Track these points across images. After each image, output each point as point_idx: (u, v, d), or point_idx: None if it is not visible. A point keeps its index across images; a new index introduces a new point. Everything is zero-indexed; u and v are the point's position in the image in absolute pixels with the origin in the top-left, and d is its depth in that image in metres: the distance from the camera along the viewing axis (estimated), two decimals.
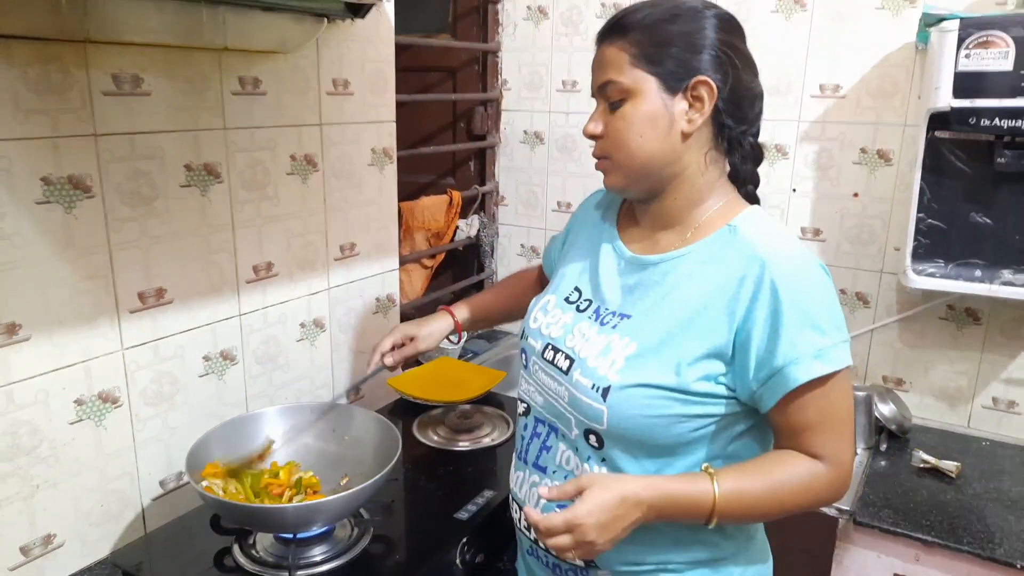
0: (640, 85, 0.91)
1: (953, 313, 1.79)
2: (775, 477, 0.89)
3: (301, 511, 1.08)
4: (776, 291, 0.86)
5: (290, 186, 1.45)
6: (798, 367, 0.85)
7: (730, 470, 0.90)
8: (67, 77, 1.06)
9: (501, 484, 1.36)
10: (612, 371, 0.91)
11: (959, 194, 1.57)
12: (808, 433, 0.89)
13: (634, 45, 0.91)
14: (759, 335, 0.87)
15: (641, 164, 0.93)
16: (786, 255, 0.89)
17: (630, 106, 0.92)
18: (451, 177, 2.38)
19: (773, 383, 0.87)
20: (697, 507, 0.87)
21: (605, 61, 0.94)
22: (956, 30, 1.45)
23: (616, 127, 0.93)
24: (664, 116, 0.91)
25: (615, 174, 0.97)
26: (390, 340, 1.34)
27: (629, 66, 0.91)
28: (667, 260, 0.95)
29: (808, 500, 0.90)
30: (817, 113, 1.86)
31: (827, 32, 1.81)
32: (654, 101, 0.91)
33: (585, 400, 0.93)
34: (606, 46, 0.94)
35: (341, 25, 1.49)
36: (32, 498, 1.11)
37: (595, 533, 0.83)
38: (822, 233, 1.91)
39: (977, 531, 1.41)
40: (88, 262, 1.13)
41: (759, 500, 0.89)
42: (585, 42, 2.13)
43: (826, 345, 0.86)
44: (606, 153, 0.96)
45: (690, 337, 0.89)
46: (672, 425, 0.90)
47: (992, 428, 1.79)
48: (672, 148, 0.93)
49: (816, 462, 0.89)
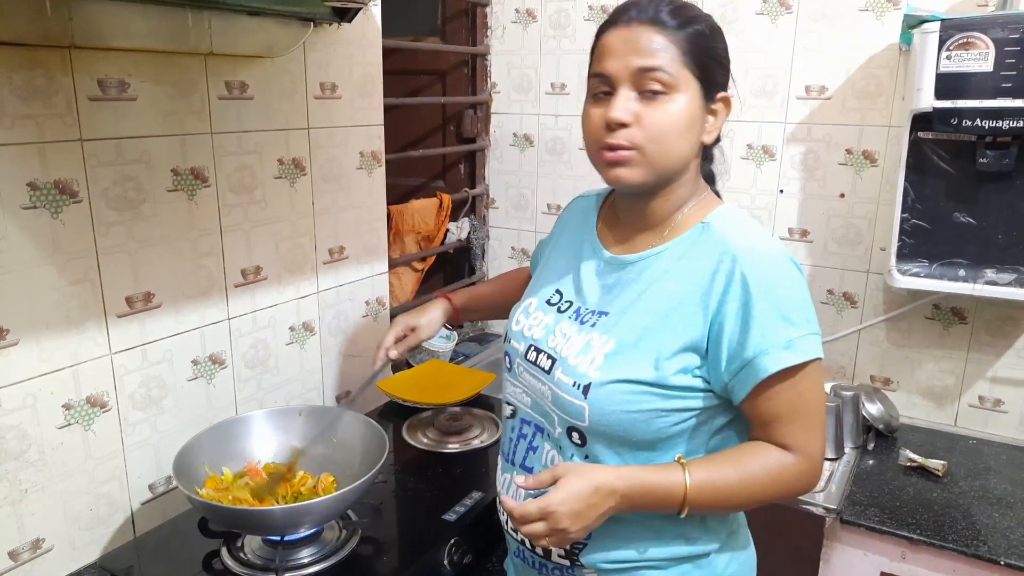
0: (684, 84, 0.90)
1: (939, 312, 1.80)
2: (745, 467, 0.91)
3: (288, 513, 1.08)
4: (747, 284, 0.88)
5: (278, 190, 1.46)
6: (768, 357, 0.87)
7: (702, 461, 0.92)
8: (52, 82, 1.07)
9: (489, 486, 1.37)
10: (592, 368, 0.93)
11: (942, 194, 1.59)
12: (778, 424, 0.90)
13: (685, 41, 0.90)
14: (730, 327, 0.88)
15: (671, 165, 0.93)
16: (756, 249, 0.91)
17: (673, 102, 0.90)
18: (441, 180, 2.38)
19: (744, 374, 0.88)
20: (669, 496, 0.89)
21: (649, 45, 0.89)
22: (937, 32, 1.46)
23: (656, 119, 0.89)
24: (699, 123, 0.93)
25: (638, 167, 0.91)
26: (392, 334, 1.36)
27: (679, 61, 0.89)
28: (644, 258, 0.97)
29: (778, 490, 0.92)
30: (803, 114, 1.87)
31: (812, 34, 1.83)
32: (696, 105, 0.92)
33: (567, 398, 0.94)
34: (648, 29, 0.89)
35: (328, 29, 1.49)
36: (20, 502, 1.12)
37: (568, 521, 0.85)
38: (809, 234, 1.92)
39: (962, 529, 1.42)
40: (75, 267, 1.13)
41: (730, 490, 0.90)
42: (573, 45, 2.14)
43: (796, 336, 0.87)
44: (636, 143, 0.90)
45: (667, 332, 0.91)
46: (652, 420, 0.91)
47: (978, 426, 1.81)
48: (693, 154, 0.95)
49: (786, 453, 0.91)
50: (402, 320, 1.37)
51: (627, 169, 0.92)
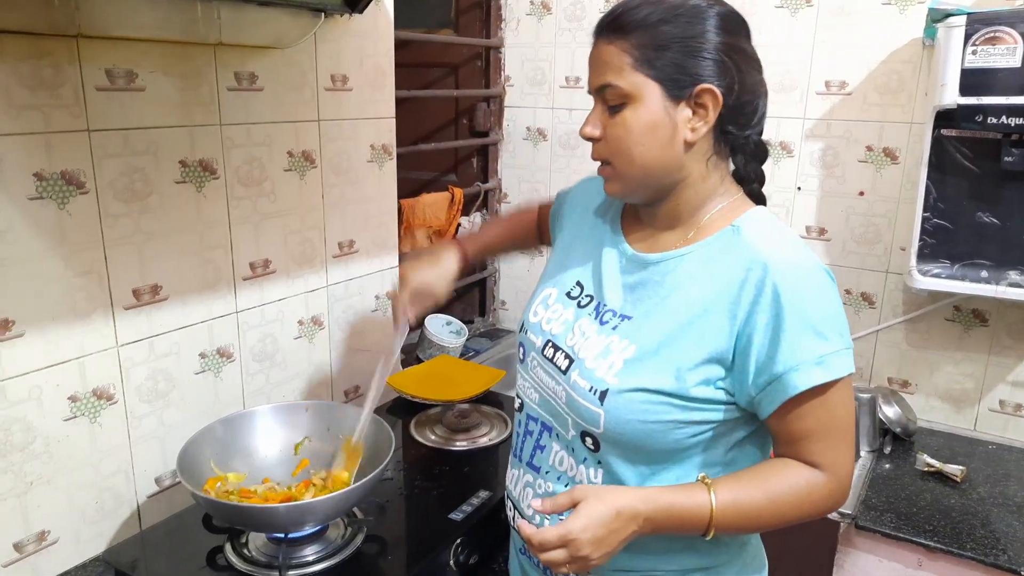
0: (641, 91, 0.86)
1: (959, 314, 1.76)
2: (773, 487, 0.87)
3: (292, 511, 1.07)
4: (778, 295, 0.84)
5: (287, 182, 1.44)
6: (798, 374, 0.83)
7: (727, 480, 0.88)
8: (59, 72, 1.06)
9: (497, 485, 1.35)
10: (610, 374, 0.89)
11: (965, 193, 1.55)
12: (806, 441, 0.87)
13: (636, 47, 0.86)
14: (760, 340, 0.84)
15: (642, 173, 0.90)
16: (789, 258, 0.86)
17: (630, 112, 0.87)
18: (453, 174, 2.36)
19: (772, 390, 0.85)
20: (694, 519, 0.85)
21: (603, 61, 0.89)
22: (963, 26, 1.42)
23: (615, 133, 0.89)
24: (666, 125, 0.88)
25: (615, 182, 0.93)
26: (408, 294, 1.21)
27: (630, 69, 0.86)
28: (668, 259, 0.93)
29: (806, 511, 0.88)
30: (822, 110, 1.83)
31: (833, 28, 1.79)
32: (656, 108, 0.87)
33: (582, 402, 0.91)
34: (604, 44, 0.89)
35: (339, 20, 1.47)
36: (26, 495, 1.11)
37: (590, 548, 0.81)
38: (827, 232, 1.88)
39: (981, 537, 1.39)
40: (82, 258, 1.13)
41: (757, 511, 0.87)
42: (589, 37, 2.10)
43: (828, 352, 0.83)
44: (605, 158, 0.92)
45: (690, 341, 0.87)
46: (670, 431, 0.88)
47: (998, 431, 1.77)
48: (674, 157, 0.89)
49: (815, 471, 0.88)
50: (415, 278, 1.21)
51: (609, 183, 0.95)
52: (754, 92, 0.90)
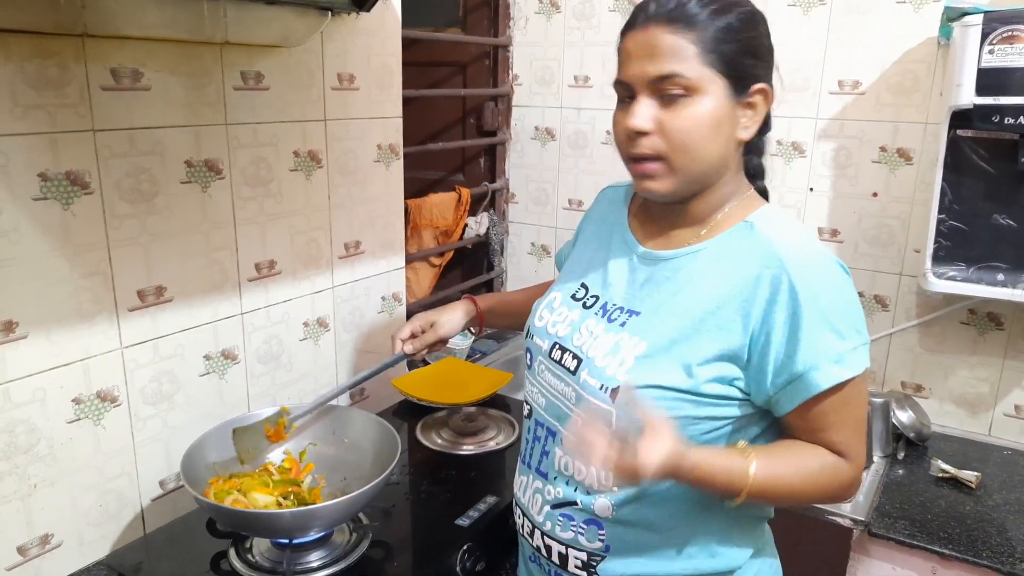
0: (708, 84, 0.84)
1: (974, 318, 1.73)
2: (806, 464, 0.88)
3: (297, 516, 1.06)
4: (795, 293, 0.83)
5: (293, 183, 1.43)
6: (819, 372, 0.83)
7: (763, 450, 0.88)
8: (65, 72, 1.05)
9: (505, 490, 1.34)
10: (621, 371, 0.88)
11: (981, 195, 1.52)
12: (825, 433, 0.88)
13: (704, 39, 0.84)
14: (778, 338, 0.84)
15: (699, 170, 0.88)
16: (805, 254, 0.86)
17: (695, 105, 0.84)
18: (460, 174, 2.35)
19: (792, 388, 0.85)
20: (731, 480, 0.84)
21: (664, 50, 0.84)
22: (980, 25, 1.40)
23: (677, 126, 0.85)
24: (729, 121, 0.87)
25: (666, 179, 0.88)
26: (409, 328, 1.30)
27: (697, 61, 0.83)
28: (680, 256, 0.92)
29: (830, 492, 0.90)
30: (835, 110, 1.81)
31: (846, 27, 1.76)
32: (722, 103, 0.85)
33: (593, 401, 0.90)
34: (664, 32, 0.84)
35: (346, 19, 1.46)
36: (29, 497, 1.10)
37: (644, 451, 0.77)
38: (840, 233, 1.86)
39: (997, 544, 1.36)
40: (86, 259, 1.12)
41: (789, 484, 0.87)
42: (598, 36, 2.09)
43: (846, 349, 0.84)
44: (660, 153, 0.87)
45: (702, 337, 0.87)
46: (683, 428, 0.87)
47: (1014, 437, 1.74)
48: (729, 154, 0.90)
49: (838, 456, 0.89)
50: (421, 316, 1.31)
51: (656, 181, 0.89)
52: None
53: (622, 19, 0.92)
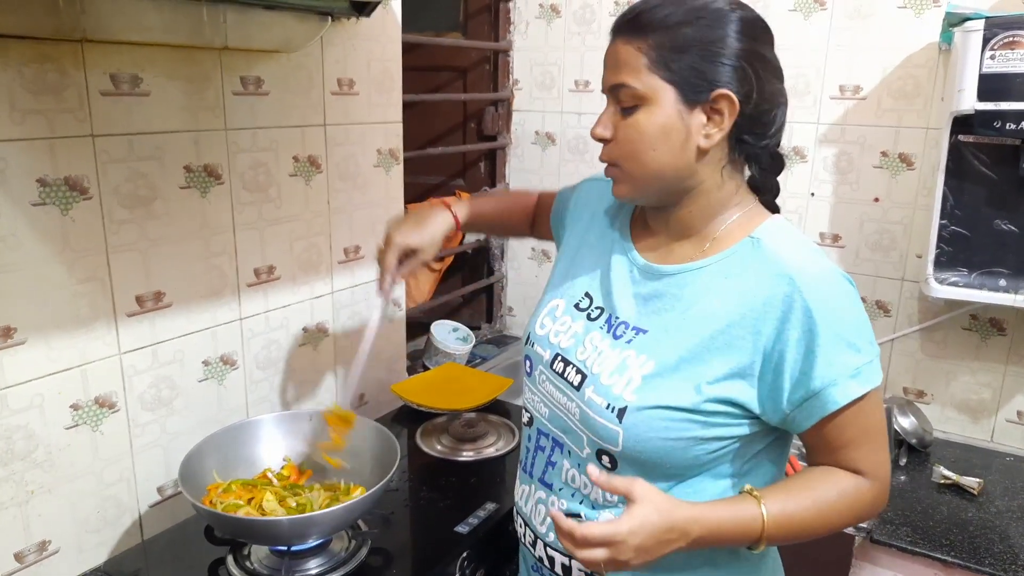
0: (656, 93, 0.84)
1: (977, 323, 1.73)
2: (821, 496, 0.86)
3: (296, 524, 1.05)
4: (809, 311, 0.82)
5: (293, 188, 1.43)
6: (836, 389, 0.82)
7: (775, 491, 0.87)
8: (64, 77, 1.04)
9: (505, 496, 1.33)
10: (628, 390, 0.87)
11: (983, 200, 1.52)
12: (846, 450, 0.87)
13: (653, 48, 0.83)
14: (792, 357, 0.83)
15: (652, 177, 0.88)
16: (815, 271, 0.84)
17: (644, 115, 0.85)
18: (461, 178, 2.35)
19: (809, 406, 0.83)
20: (745, 534, 0.84)
21: (619, 61, 0.86)
22: (981, 30, 1.39)
23: (627, 135, 0.87)
24: (680, 129, 0.85)
25: (624, 184, 0.91)
26: (393, 257, 1.14)
27: (646, 71, 0.84)
28: (684, 272, 0.90)
29: (854, 516, 0.88)
30: (836, 115, 1.81)
31: (847, 32, 1.76)
32: (670, 112, 0.84)
33: (599, 420, 0.88)
34: (622, 43, 0.86)
35: (346, 24, 1.46)
36: (27, 504, 1.10)
37: (633, 554, 0.78)
38: (841, 239, 1.85)
39: (1000, 552, 1.35)
40: (85, 265, 1.11)
41: (808, 520, 0.86)
42: (598, 41, 2.09)
43: (862, 364, 0.83)
44: (615, 160, 0.90)
45: (711, 356, 0.85)
46: (691, 447, 0.86)
47: (1016, 443, 1.73)
48: (687, 163, 0.87)
49: (858, 477, 0.87)
50: (399, 240, 1.13)
51: (617, 185, 0.92)
52: (773, 101, 0.87)
53: None
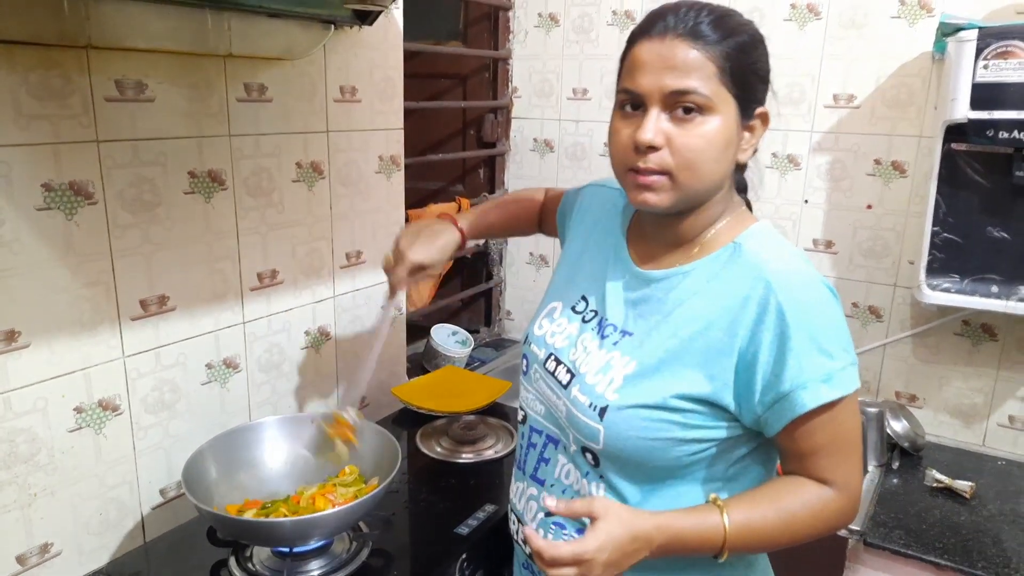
0: (721, 104, 0.83)
1: (968, 329, 1.75)
2: (785, 505, 0.86)
3: (298, 525, 1.06)
4: (782, 313, 0.83)
5: (296, 193, 1.44)
6: (806, 392, 0.83)
7: (739, 500, 0.87)
8: (69, 83, 1.06)
9: (504, 498, 1.33)
10: (610, 390, 0.89)
11: (976, 208, 1.54)
12: (815, 457, 0.86)
13: (724, 58, 0.83)
14: (765, 358, 0.84)
15: (704, 188, 0.87)
16: (792, 275, 0.86)
17: (708, 124, 0.83)
18: (460, 184, 2.36)
19: (779, 408, 0.84)
20: (707, 543, 0.85)
21: (684, 63, 0.82)
22: (974, 40, 1.42)
23: (689, 143, 0.83)
24: (735, 143, 0.87)
25: (668, 193, 0.86)
26: (403, 272, 1.16)
27: (715, 79, 0.82)
28: (671, 276, 0.92)
29: (819, 527, 0.88)
30: (830, 123, 1.83)
31: (841, 41, 1.78)
32: (732, 125, 0.85)
33: (582, 418, 0.91)
34: (689, 45, 0.82)
35: (348, 32, 1.48)
36: (30, 506, 1.10)
37: (601, 569, 0.80)
38: (834, 245, 1.87)
39: (992, 555, 1.37)
40: (89, 269, 1.12)
41: (770, 530, 0.86)
42: (596, 49, 2.11)
43: (834, 369, 0.83)
44: (668, 168, 0.84)
45: (691, 357, 0.87)
46: (670, 448, 0.87)
47: (1008, 447, 1.75)
48: (729, 175, 0.90)
49: (825, 487, 0.87)
50: (411, 256, 1.16)
51: (655, 194, 0.86)
52: None
53: (620, 33, 0.93)
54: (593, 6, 2.09)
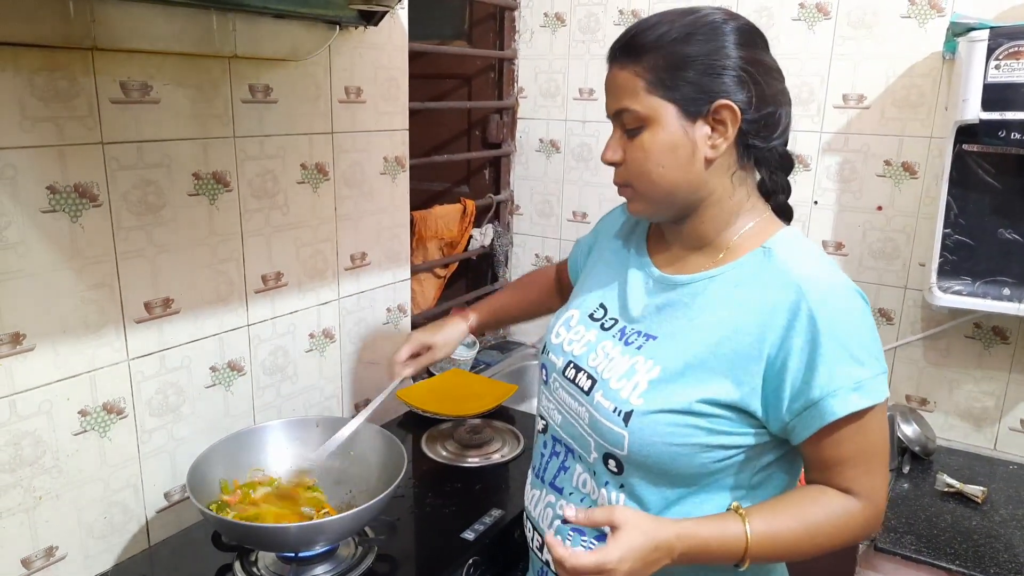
0: (658, 113, 0.86)
1: (980, 331, 1.73)
2: (809, 516, 0.85)
3: (304, 531, 1.05)
4: (814, 320, 0.82)
5: (300, 195, 1.43)
6: (836, 400, 0.81)
7: (762, 509, 0.86)
8: (74, 85, 1.05)
9: (510, 503, 1.33)
10: (635, 395, 0.88)
11: (987, 209, 1.52)
12: (842, 467, 0.85)
13: (649, 70, 0.85)
14: (795, 365, 0.83)
15: (664, 193, 0.90)
16: (824, 282, 0.85)
17: (648, 135, 0.87)
18: (465, 185, 2.35)
19: (808, 415, 0.83)
20: (729, 551, 0.84)
21: (618, 86, 0.89)
22: (986, 40, 1.40)
23: (635, 156, 0.89)
24: (685, 144, 0.87)
25: (638, 202, 0.93)
26: (407, 349, 1.31)
27: (644, 93, 0.86)
28: (697, 281, 0.92)
29: (843, 539, 0.87)
30: (840, 124, 1.81)
31: (851, 41, 1.77)
32: (673, 129, 0.86)
33: (606, 423, 0.89)
34: (618, 69, 0.89)
35: (353, 32, 1.47)
36: (34, 510, 1.10)
37: None
38: (844, 247, 1.86)
39: (1004, 561, 1.35)
40: (94, 271, 1.12)
41: (793, 540, 0.85)
42: (602, 49, 2.09)
43: (865, 377, 0.82)
44: (627, 181, 0.92)
45: (718, 362, 0.86)
46: (696, 454, 0.86)
47: (1020, 451, 1.73)
48: (696, 175, 0.88)
49: (850, 498, 0.86)
50: (417, 337, 1.32)
51: (632, 204, 0.95)
52: (776, 102, 0.89)
53: None
54: (600, 6, 2.08)
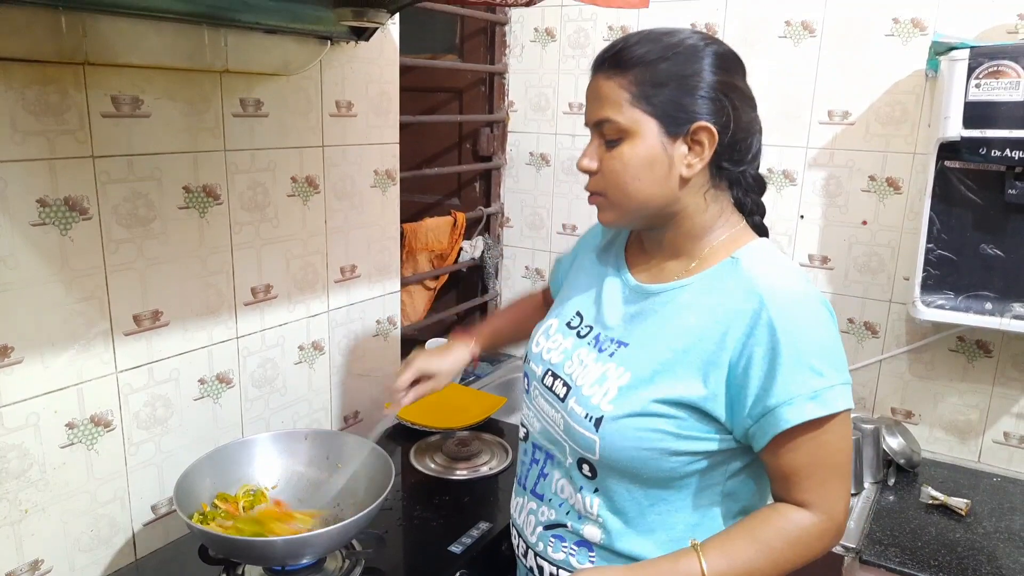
0: (639, 126, 0.87)
1: (963, 345, 1.75)
2: (762, 538, 0.87)
3: (290, 544, 1.05)
4: (774, 329, 0.83)
5: (290, 208, 1.44)
6: (791, 408, 0.83)
7: (717, 540, 0.88)
8: (65, 99, 1.06)
9: (498, 515, 1.33)
10: (605, 401, 0.90)
11: (969, 225, 1.55)
12: (797, 478, 0.87)
13: (634, 84, 0.87)
14: (756, 372, 0.84)
15: (637, 205, 0.91)
16: (786, 290, 0.86)
17: (628, 147, 0.88)
18: (456, 198, 2.37)
19: (765, 422, 0.85)
20: None
21: (602, 96, 0.90)
22: (967, 59, 1.43)
23: (612, 167, 0.90)
24: (663, 160, 0.88)
25: (609, 211, 0.94)
26: (408, 377, 1.22)
27: (628, 105, 0.87)
28: (669, 290, 0.94)
29: (801, 554, 0.87)
30: (825, 139, 1.84)
31: (836, 58, 1.80)
32: (653, 144, 0.88)
33: (579, 429, 0.92)
34: (603, 79, 0.90)
35: (345, 47, 1.48)
36: (20, 523, 1.10)
37: None
38: (830, 261, 1.88)
39: (987, 572, 1.37)
40: (83, 284, 1.12)
41: (749, 564, 0.86)
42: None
43: (823, 387, 0.83)
44: (600, 190, 0.93)
45: (684, 369, 0.88)
46: (665, 458, 0.88)
47: (1003, 464, 1.75)
48: (670, 191, 0.90)
49: (803, 513, 0.87)
50: (419, 364, 1.22)
51: (602, 213, 0.95)
52: (748, 130, 0.91)
53: None
54: (589, 22, 2.10)
